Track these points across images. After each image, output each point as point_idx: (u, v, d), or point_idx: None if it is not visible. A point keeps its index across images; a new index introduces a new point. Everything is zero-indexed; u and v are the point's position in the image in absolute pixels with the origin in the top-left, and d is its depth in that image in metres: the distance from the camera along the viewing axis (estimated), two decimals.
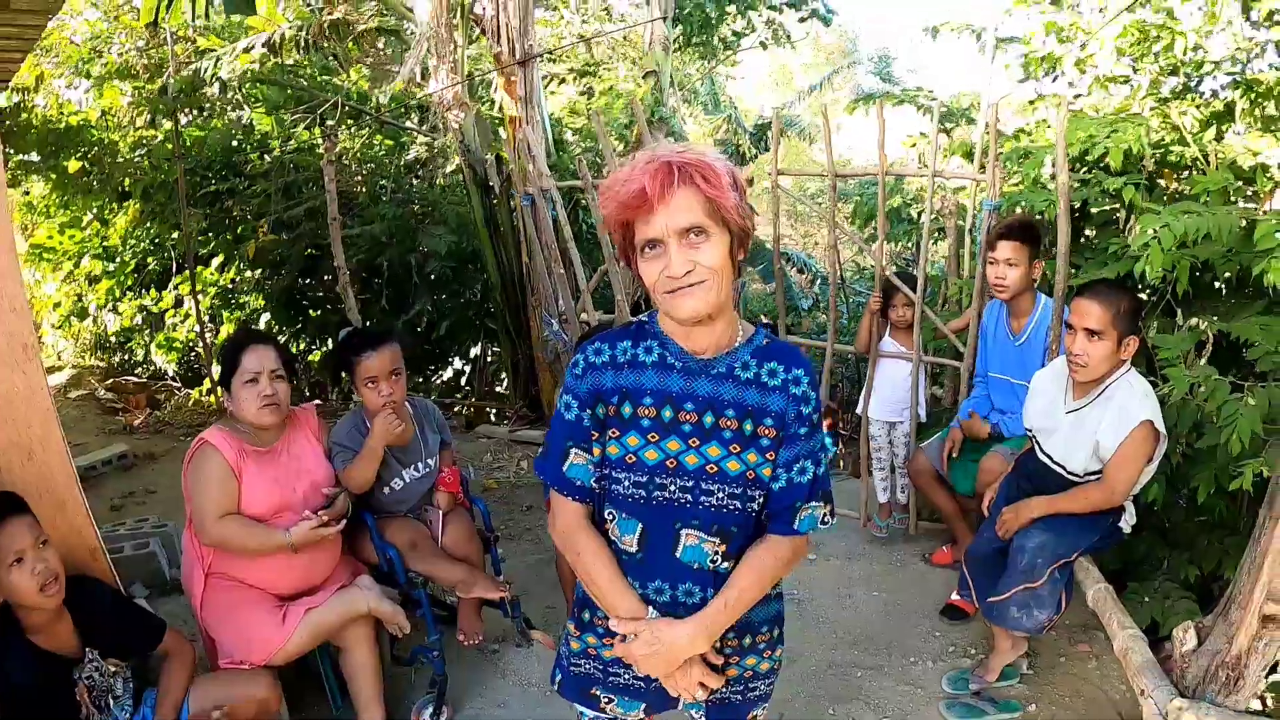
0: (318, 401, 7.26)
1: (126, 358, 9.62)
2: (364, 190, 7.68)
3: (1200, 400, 2.73)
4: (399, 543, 2.93)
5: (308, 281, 8.11)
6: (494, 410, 7.73)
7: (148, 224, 8.29)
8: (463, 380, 8.83)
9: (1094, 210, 3.66)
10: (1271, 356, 2.79)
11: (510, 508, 4.89)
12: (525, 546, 4.37)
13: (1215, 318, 3.12)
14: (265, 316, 8.11)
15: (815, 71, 25.39)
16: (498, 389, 8.56)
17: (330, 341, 7.70)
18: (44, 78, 8.29)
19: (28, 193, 8.79)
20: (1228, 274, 3.14)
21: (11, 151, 7.55)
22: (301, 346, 8.48)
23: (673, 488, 1.58)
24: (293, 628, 2.57)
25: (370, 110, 8.33)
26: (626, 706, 1.75)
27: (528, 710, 3.03)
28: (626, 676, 1.72)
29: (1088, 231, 3.88)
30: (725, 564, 1.62)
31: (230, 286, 8.28)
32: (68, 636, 2.22)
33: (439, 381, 8.89)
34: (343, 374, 2.95)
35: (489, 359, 8.34)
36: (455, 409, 7.98)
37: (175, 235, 7.92)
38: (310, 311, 8.22)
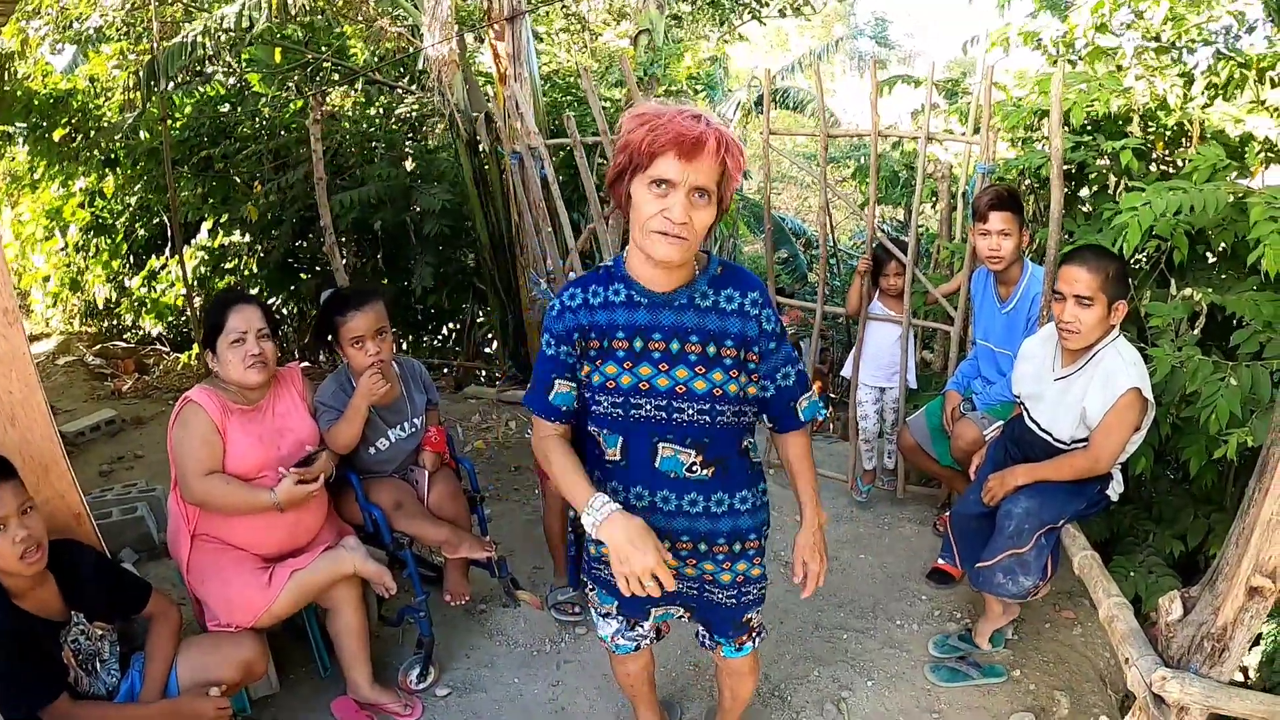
0: (305, 364, 7.21)
1: (114, 324, 9.54)
2: (355, 151, 7.56)
3: (1185, 378, 2.72)
4: (384, 503, 2.91)
5: (300, 244, 8.02)
6: (482, 371, 7.70)
7: (135, 188, 8.17)
8: (451, 342, 8.79)
9: (1090, 175, 3.61)
10: (1257, 336, 2.78)
11: (498, 468, 4.88)
12: (513, 507, 4.36)
13: (1209, 289, 3.09)
14: (255, 282, 8.02)
15: (811, 34, 25.07)
16: (486, 350, 8.52)
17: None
18: (29, 42, 8.13)
19: (14, 159, 8.67)
20: (1222, 245, 3.11)
21: None
22: (294, 311, 8.39)
23: (648, 407, 1.81)
24: (279, 589, 2.56)
25: (360, 70, 8.19)
26: (603, 599, 2.11)
27: (514, 670, 3.05)
28: (605, 573, 1.98)
29: (1083, 194, 3.84)
30: (703, 471, 1.87)
31: (219, 251, 8.17)
32: (52, 600, 2.21)
33: (433, 344, 8.84)
34: (327, 337, 2.89)
35: (478, 320, 8.29)
36: (444, 370, 7.94)
37: (165, 197, 7.83)
38: (301, 275, 8.13)
